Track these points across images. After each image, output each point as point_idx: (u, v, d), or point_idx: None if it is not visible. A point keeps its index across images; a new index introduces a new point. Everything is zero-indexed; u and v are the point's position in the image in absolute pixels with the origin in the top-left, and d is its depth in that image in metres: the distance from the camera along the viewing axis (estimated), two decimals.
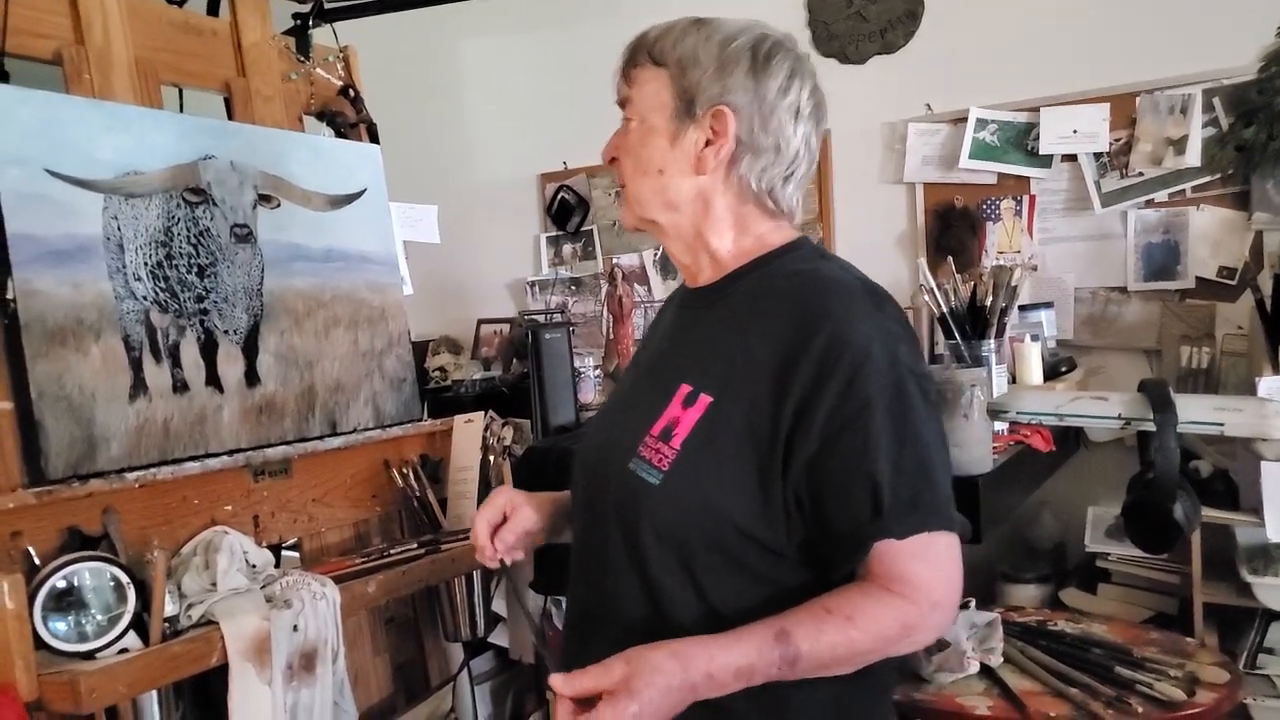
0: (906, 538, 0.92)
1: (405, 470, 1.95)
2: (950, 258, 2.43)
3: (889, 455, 0.92)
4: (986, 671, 1.67)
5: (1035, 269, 2.67)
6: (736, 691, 0.92)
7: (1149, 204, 2.56)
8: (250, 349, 1.76)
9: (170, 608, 1.42)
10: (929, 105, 2.81)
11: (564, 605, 1.18)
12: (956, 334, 2.09)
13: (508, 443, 2.09)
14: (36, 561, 1.36)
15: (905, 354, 0.97)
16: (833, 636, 0.90)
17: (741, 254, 1.08)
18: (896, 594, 0.91)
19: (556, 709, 0.88)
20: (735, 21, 1.06)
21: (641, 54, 1.07)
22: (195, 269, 1.69)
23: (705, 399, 0.99)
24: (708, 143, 1.04)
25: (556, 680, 0.88)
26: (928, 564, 0.92)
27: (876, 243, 2.86)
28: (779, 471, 0.94)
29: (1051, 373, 2.36)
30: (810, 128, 1.07)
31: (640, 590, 1.00)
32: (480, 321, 3.34)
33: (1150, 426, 1.54)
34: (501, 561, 1.16)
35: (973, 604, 1.77)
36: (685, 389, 1.01)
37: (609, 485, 1.04)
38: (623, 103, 1.09)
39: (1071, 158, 2.64)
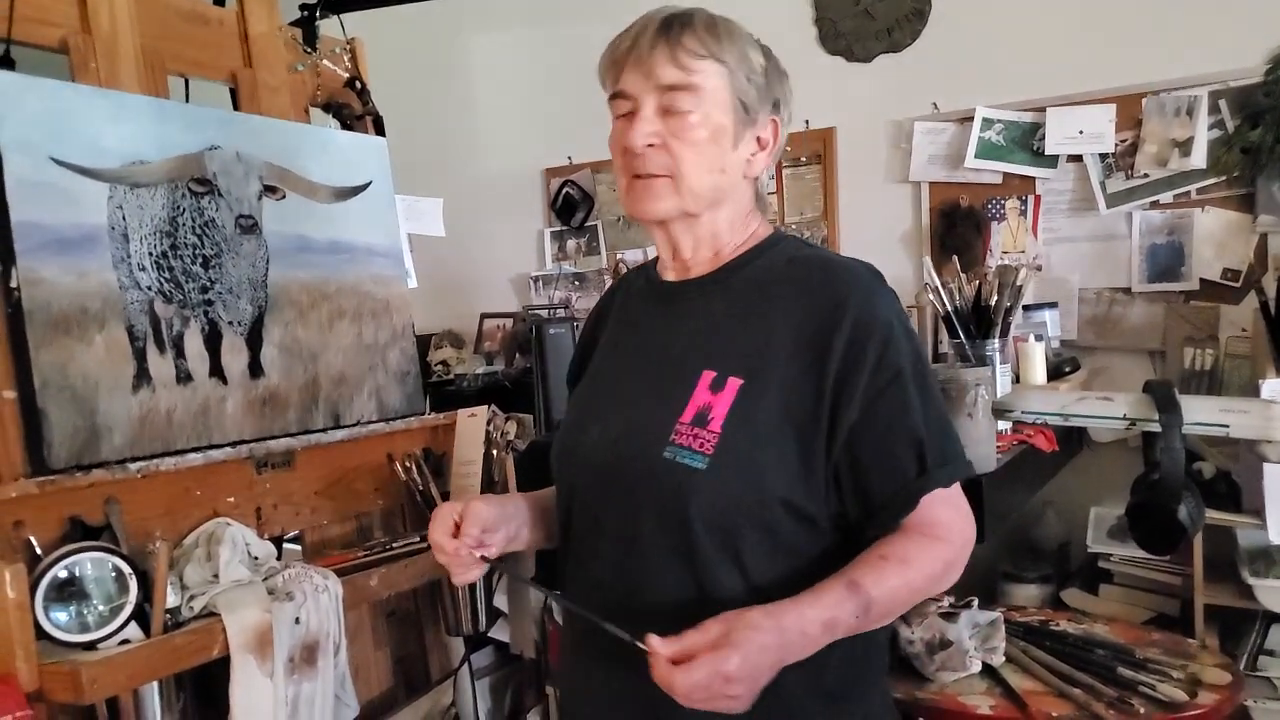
0: (950, 485, 1.01)
1: (408, 464, 1.94)
2: (955, 257, 2.43)
3: (923, 416, 1.01)
4: (989, 671, 1.67)
5: (1040, 269, 2.67)
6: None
7: (1154, 205, 2.56)
8: (254, 340, 1.76)
9: (172, 599, 1.42)
10: (935, 104, 2.81)
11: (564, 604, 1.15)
12: (961, 333, 2.09)
13: (511, 437, 2.09)
14: (38, 551, 1.35)
15: (911, 327, 1.07)
16: (894, 580, 0.97)
17: (737, 247, 1.12)
18: (934, 537, 1.00)
19: (653, 664, 0.88)
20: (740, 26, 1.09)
21: (696, 41, 1.03)
22: (200, 259, 1.69)
23: (735, 382, 1.02)
24: (755, 149, 1.09)
25: (654, 641, 0.89)
26: (953, 507, 1.03)
27: (881, 241, 2.86)
28: (824, 443, 1.00)
29: (1055, 373, 2.36)
30: None
31: (684, 574, 1.01)
32: (483, 316, 3.34)
33: (1156, 427, 1.53)
34: (485, 559, 1.09)
35: (975, 603, 1.77)
36: (710, 374, 1.04)
37: (639, 478, 1.03)
38: (672, 88, 1.02)
39: (1077, 158, 2.64)
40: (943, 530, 1.01)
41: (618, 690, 0.93)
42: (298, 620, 1.47)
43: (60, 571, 1.31)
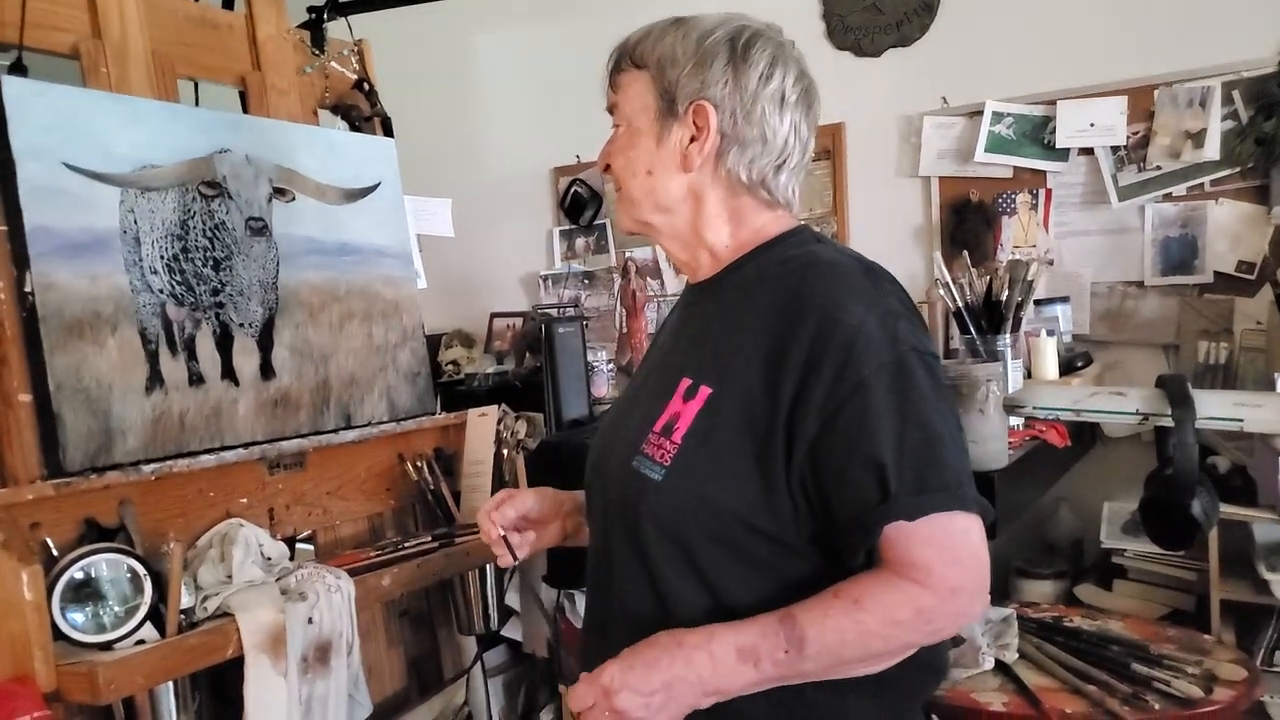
0: (916, 520, 0.89)
1: (419, 464, 1.95)
2: (965, 252, 2.42)
3: (892, 435, 0.89)
4: (1002, 668, 1.67)
5: (1051, 263, 2.65)
6: (756, 699, 0.92)
7: (1167, 198, 2.54)
8: (265, 342, 1.77)
9: (186, 600, 1.43)
10: (944, 98, 2.79)
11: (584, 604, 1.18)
12: (972, 329, 2.08)
13: (521, 437, 2.09)
14: (55, 553, 1.37)
15: (907, 330, 0.94)
16: (839, 620, 0.88)
17: (740, 247, 1.08)
18: (909, 579, 0.89)
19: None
20: (714, 16, 1.06)
21: (624, 59, 1.08)
22: (211, 262, 1.70)
23: (705, 390, 0.98)
24: (692, 139, 1.04)
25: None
26: (939, 547, 0.89)
27: (891, 237, 2.84)
28: (781, 460, 0.93)
29: (1067, 368, 2.35)
30: (799, 115, 1.06)
31: (646, 587, 0.99)
32: (493, 315, 3.34)
33: (1169, 422, 1.52)
34: (514, 554, 1.15)
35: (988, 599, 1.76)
36: (686, 382, 1.01)
37: (611, 484, 1.05)
38: (611, 109, 1.10)
39: (1088, 151, 2.62)
40: (919, 574, 0.88)
41: None
42: (311, 620, 1.48)
43: (76, 573, 1.33)
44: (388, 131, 2.15)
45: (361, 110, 2.14)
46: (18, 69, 1.54)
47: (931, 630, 0.92)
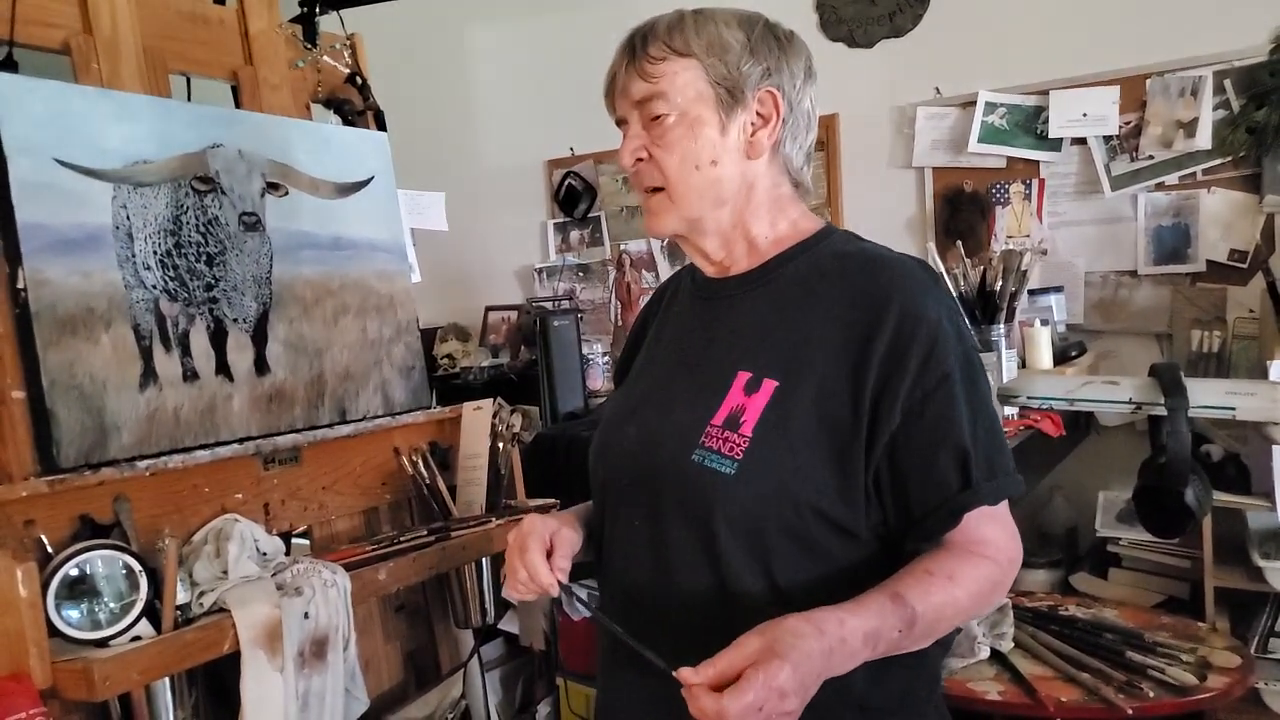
0: (997, 504, 0.96)
1: (415, 458, 1.95)
2: (959, 242, 2.42)
3: (969, 425, 0.95)
4: (997, 657, 1.68)
5: (1045, 253, 2.66)
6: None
7: (1159, 187, 2.55)
8: (259, 337, 1.77)
9: (182, 595, 1.42)
10: (937, 89, 2.80)
11: (598, 603, 1.13)
12: (965, 319, 2.08)
13: (516, 430, 2.09)
14: (49, 550, 1.36)
15: (965, 327, 1.01)
16: (940, 596, 0.91)
17: (779, 240, 1.07)
18: (981, 556, 0.95)
19: (693, 697, 0.81)
20: (732, 9, 1.06)
21: (657, 46, 1.02)
22: (204, 257, 1.69)
23: (770, 384, 0.98)
24: (754, 127, 1.04)
25: (686, 673, 0.82)
26: (1000, 525, 0.97)
27: (885, 227, 2.84)
28: (862, 451, 0.95)
29: (1061, 357, 2.36)
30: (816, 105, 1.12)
31: (708, 578, 0.98)
32: (488, 309, 3.34)
33: (1162, 411, 1.53)
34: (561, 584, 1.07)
35: None
36: (744, 375, 1.00)
37: (667, 480, 1.01)
38: (644, 100, 1.03)
39: (1081, 141, 2.63)
40: (990, 549, 0.95)
41: (654, 690, 0.90)
42: (307, 615, 1.48)
43: (71, 569, 1.32)
44: (381, 125, 2.14)
45: (354, 104, 2.13)
46: (8, 65, 1.54)
47: (994, 602, 0.99)
